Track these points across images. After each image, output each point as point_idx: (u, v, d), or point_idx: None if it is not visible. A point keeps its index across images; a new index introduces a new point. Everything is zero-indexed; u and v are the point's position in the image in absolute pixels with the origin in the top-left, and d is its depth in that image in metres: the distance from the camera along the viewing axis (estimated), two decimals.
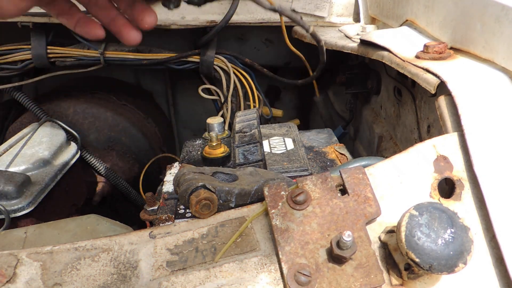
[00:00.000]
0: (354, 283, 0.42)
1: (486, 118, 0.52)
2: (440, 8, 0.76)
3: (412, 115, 0.93)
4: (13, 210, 0.83)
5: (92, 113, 1.28)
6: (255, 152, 0.79)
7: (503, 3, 0.58)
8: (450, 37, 0.72)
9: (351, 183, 0.49)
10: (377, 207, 0.47)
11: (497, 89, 0.56)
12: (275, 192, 0.49)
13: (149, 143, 1.40)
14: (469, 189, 0.50)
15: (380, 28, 1.07)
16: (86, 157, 1.15)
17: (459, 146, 0.52)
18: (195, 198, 0.49)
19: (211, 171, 0.57)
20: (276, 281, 0.45)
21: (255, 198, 0.53)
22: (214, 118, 1.02)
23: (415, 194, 0.50)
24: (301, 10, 1.27)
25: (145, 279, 0.45)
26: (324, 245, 0.45)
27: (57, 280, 0.44)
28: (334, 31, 1.20)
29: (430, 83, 0.60)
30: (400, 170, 0.51)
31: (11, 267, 0.45)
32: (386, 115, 1.14)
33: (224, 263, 0.46)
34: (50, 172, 0.94)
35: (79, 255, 0.46)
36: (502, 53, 0.58)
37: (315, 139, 1.03)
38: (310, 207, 0.47)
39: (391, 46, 0.76)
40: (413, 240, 0.40)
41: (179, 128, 1.82)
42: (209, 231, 0.49)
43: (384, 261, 0.46)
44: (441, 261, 0.39)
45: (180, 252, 0.47)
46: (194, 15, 1.23)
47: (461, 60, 0.65)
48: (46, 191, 0.91)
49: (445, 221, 0.41)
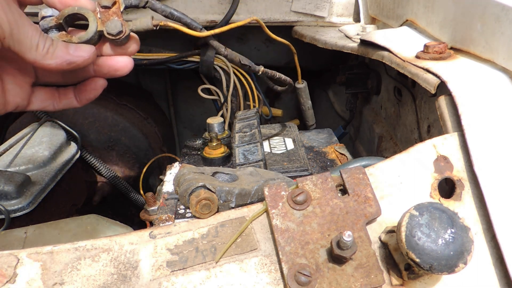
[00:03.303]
0: (355, 283, 0.42)
1: (486, 118, 0.52)
2: (440, 8, 0.76)
3: (412, 115, 0.93)
4: (13, 210, 0.83)
5: (92, 113, 1.27)
6: (255, 152, 0.79)
7: (503, 3, 0.57)
8: (450, 37, 0.72)
9: (351, 183, 0.49)
10: (377, 207, 0.47)
11: (497, 89, 0.55)
12: (275, 192, 0.49)
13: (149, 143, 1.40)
14: (469, 189, 0.50)
15: (380, 28, 1.07)
16: (86, 157, 1.15)
17: (459, 146, 0.52)
18: (195, 198, 0.49)
19: (211, 171, 0.57)
20: (276, 281, 0.45)
21: (255, 198, 0.53)
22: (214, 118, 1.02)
23: (415, 194, 0.50)
24: (301, 10, 1.27)
25: (145, 279, 0.45)
26: (324, 245, 0.45)
27: (57, 280, 0.44)
28: (334, 31, 1.20)
29: (430, 83, 0.60)
30: (400, 170, 0.51)
31: (11, 267, 0.45)
32: (386, 115, 1.14)
33: (224, 263, 0.46)
34: (50, 172, 0.94)
35: (79, 255, 0.46)
36: (502, 53, 0.58)
37: (315, 139, 1.03)
38: (310, 207, 0.47)
39: (391, 46, 0.76)
40: (413, 240, 0.40)
41: (179, 128, 1.82)
42: (209, 231, 0.49)
43: (384, 261, 0.46)
44: (441, 261, 0.39)
45: (180, 252, 0.47)
46: (194, 15, 1.23)
47: (461, 60, 0.65)
48: (46, 191, 0.91)
49: (446, 221, 0.41)
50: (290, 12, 1.27)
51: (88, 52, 0.50)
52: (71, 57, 0.48)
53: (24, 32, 0.45)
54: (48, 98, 0.57)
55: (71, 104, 0.57)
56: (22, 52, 0.46)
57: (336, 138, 1.04)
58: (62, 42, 0.49)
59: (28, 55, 0.46)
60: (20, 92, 0.54)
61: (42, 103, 0.57)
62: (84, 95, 0.57)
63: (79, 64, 0.49)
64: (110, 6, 0.51)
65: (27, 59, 0.46)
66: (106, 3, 0.51)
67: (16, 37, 0.44)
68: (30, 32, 0.46)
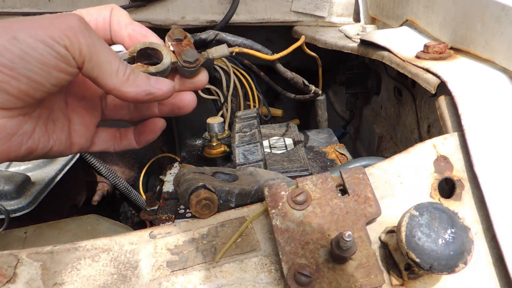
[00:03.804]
0: (355, 283, 0.42)
1: (486, 118, 0.52)
2: (440, 8, 0.76)
3: (412, 115, 0.93)
4: (13, 210, 0.83)
5: None
6: (255, 152, 0.79)
7: (503, 3, 0.57)
8: (450, 37, 0.72)
9: (351, 183, 0.49)
10: (377, 207, 0.47)
11: (497, 89, 0.56)
12: (275, 192, 0.49)
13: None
14: (469, 189, 0.50)
15: (380, 28, 1.07)
16: (86, 157, 1.15)
17: (459, 146, 0.52)
18: (195, 198, 0.49)
19: (211, 171, 0.57)
20: (277, 281, 0.45)
21: (255, 198, 0.53)
22: (214, 118, 1.03)
23: (415, 194, 0.50)
24: (301, 10, 1.27)
25: (145, 279, 0.45)
26: (324, 245, 0.45)
27: (57, 280, 0.44)
28: (334, 31, 1.20)
29: (430, 83, 0.60)
30: (400, 170, 0.51)
31: (11, 267, 0.45)
32: (386, 115, 1.14)
33: (224, 263, 0.46)
34: (50, 172, 0.94)
35: (79, 255, 0.46)
36: (502, 53, 0.58)
37: (315, 139, 1.03)
38: (310, 207, 0.47)
39: (391, 46, 0.76)
40: (414, 240, 0.40)
41: (179, 128, 1.82)
42: (209, 231, 0.49)
43: (384, 261, 0.46)
44: (442, 261, 0.39)
45: (180, 252, 0.47)
46: (194, 15, 1.23)
47: (461, 60, 0.65)
48: (46, 191, 0.91)
49: (446, 221, 0.41)
50: (290, 12, 1.27)
51: (169, 86, 0.47)
52: (151, 88, 0.46)
53: (104, 56, 0.43)
54: (110, 139, 0.55)
55: (131, 145, 0.56)
56: (101, 78, 0.43)
57: (336, 138, 1.04)
58: (142, 72, 0.47)
59: (108, 80, 0.43)
60: (85, 133, 0.52)
61: (104, 144, 0.55)
62: (143, 137, 0.56)
63: (157, 97, 0.47)
64: (182, 38, 0.51)
65: (106, 85, 0.44)
66: (178, 36, 0.51)
67: (95, 62, 0.42)
68: (109, 57, 0.43)
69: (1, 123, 0.40)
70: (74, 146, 0.51)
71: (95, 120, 0.54)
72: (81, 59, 0.41)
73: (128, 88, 0.44)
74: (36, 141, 0.45)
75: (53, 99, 0.48)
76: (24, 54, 0.38)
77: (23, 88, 0.39)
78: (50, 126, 0.47)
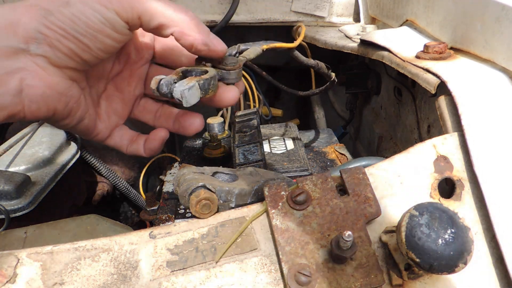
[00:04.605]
0: (355, 283, 0.42)
1: (486, 118, 0.52)
2: (440, 8, 0.76)
3: (412, 115, 0.93)
4: (13, 210, 0.83)
5: None
6: (255, 152, 0.79)
7: (503, 3, 0.57)
8: (450, 37, 0.72)
9: (351, 183, 0.49)
10: (377, 207, 0.47)
11: (497, 89, 0.56)
12: (275, 192, 0.49)
13: None
14: (469, 189, 0.50)
15: (380, 28, 1.07)
16: (86, 157, 1.15)
17: (459, 146, 0.52)
18: (195, 198, 0.49)
19: (211, 171, 0.57)
20: (277, 281, 0.45)
21: (255, 198, 0.53)
22: (214, 118, 1.03)
23: (415, 194, 0.50)
24: (301, 10, 1.27)
25: (145, 279, 0.45)
26: (324, 245, 0.45)
27: (57, 280, 0.44)
28: (334, 31, 1.20)
29: (430, 83, 0.60)
30: (400, 170, 0.51)
31: (11, 267, 0.45)
32: (386, 115, 1.14)
33: (224, 263, 0.46)
34: (50, 172, 0.94)
35: (79, 255, 0.46)
36: (502, 53, 0.58)
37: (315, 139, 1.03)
38: (310, 207, 0.47)
39: (391, 46, 0.76)
40: (414, 240, 0.40)
41: None
42: (209, 231, 0.49)
43: (384, 261, 0.46)
44: (442, 261, 0.39)
45: (180, 252, 0.47)
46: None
47: (461, 60, 0.65)
48: (46, 191, 0.91)
49: (446, 221, 0.41)
50: (290, 12, 1.27)
51: (223, 46, 0.51)
52: (209, 41, 0.49)
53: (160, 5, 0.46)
54: (126, 138, 0.57)
55: (138, 151, 0.58)
56: (163, 24, 0.46)
57: (336, 138, 1.04)
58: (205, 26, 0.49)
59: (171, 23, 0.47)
60: (107, 121, 0.55)
61: (119, 141, 0.57)
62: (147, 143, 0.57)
63: (211, 51, 0.50)
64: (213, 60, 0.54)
65: (170, 26, 0.47)
66: (208, 61, 0.54)
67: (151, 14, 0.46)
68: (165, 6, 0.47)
69: (56, 81, 0.44)
70: (95, 129, 0.54)
71: (122, 114, 0.57)
72: (136, 16, 0.45)
73: (191, 32, 0.48)
74: (77, 108, 0.49)
75: (96, 79, 0.53)
76: (73, 17, 0.42)
77: (72, 47, 0.43)
78: (89, 101, 0.51)
